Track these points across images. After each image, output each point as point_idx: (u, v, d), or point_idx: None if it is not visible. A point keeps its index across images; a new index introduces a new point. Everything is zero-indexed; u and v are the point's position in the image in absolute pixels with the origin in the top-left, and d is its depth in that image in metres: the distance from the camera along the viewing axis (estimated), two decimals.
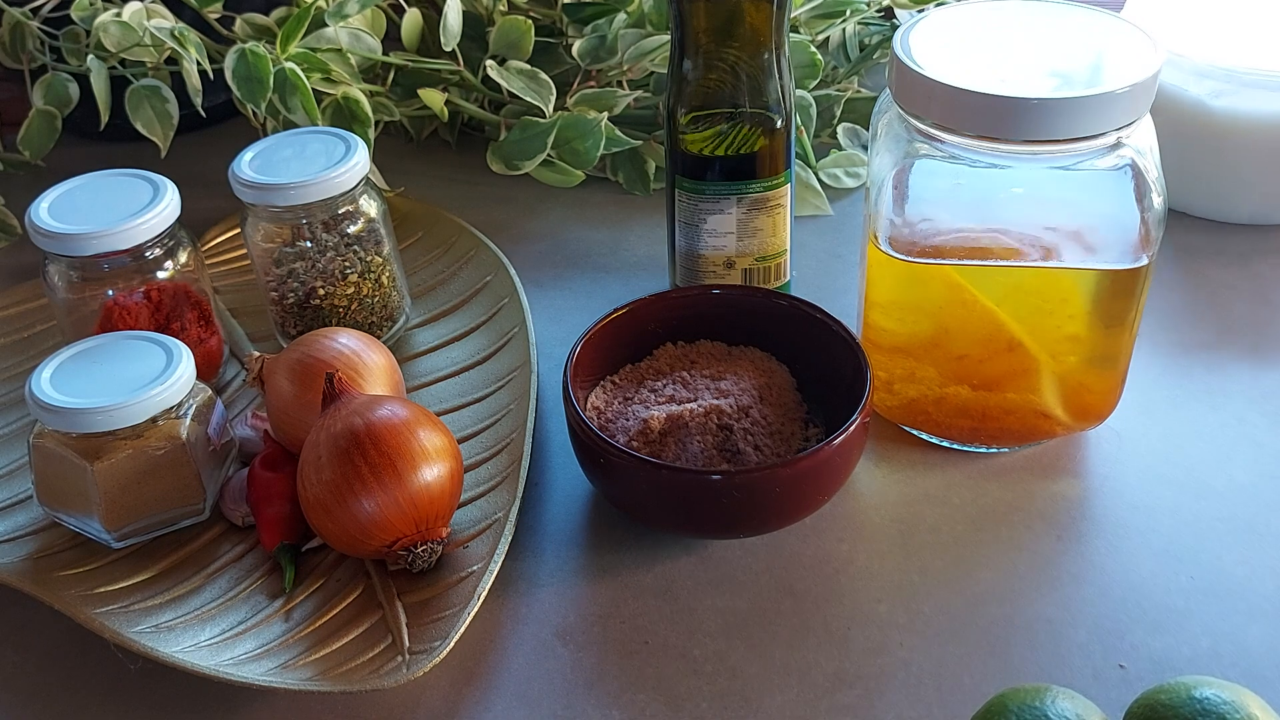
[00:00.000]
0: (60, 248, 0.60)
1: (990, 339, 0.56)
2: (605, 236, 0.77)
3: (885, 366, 0.59)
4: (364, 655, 0.50)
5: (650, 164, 0.79)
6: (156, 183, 0.63)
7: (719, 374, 0.58)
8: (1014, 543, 0.55)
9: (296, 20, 0.72)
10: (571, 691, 0.50)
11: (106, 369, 0.55)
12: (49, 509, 0.56)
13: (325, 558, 0.55)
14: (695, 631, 0.52)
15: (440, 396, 0.64)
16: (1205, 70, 0.69)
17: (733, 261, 0.64)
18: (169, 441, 0.55)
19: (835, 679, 0.50)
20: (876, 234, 0.56)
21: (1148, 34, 0.53)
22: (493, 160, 0.77)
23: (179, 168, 0.72)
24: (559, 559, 0.56)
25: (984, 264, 0.54)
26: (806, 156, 0.78)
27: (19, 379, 0.66)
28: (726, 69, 0.60)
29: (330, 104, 0.75)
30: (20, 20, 0.78)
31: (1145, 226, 0.52)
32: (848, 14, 0.82)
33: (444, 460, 0.52)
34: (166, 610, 0.53)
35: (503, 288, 0.68)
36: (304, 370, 0.57)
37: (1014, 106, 0.49)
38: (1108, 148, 0.51)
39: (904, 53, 0.53)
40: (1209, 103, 0.70)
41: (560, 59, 0.82)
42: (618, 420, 0.57)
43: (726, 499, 0.52)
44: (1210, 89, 0.70)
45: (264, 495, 0.56)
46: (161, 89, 0.76)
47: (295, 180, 0.61)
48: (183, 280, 0.63)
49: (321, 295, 0.64)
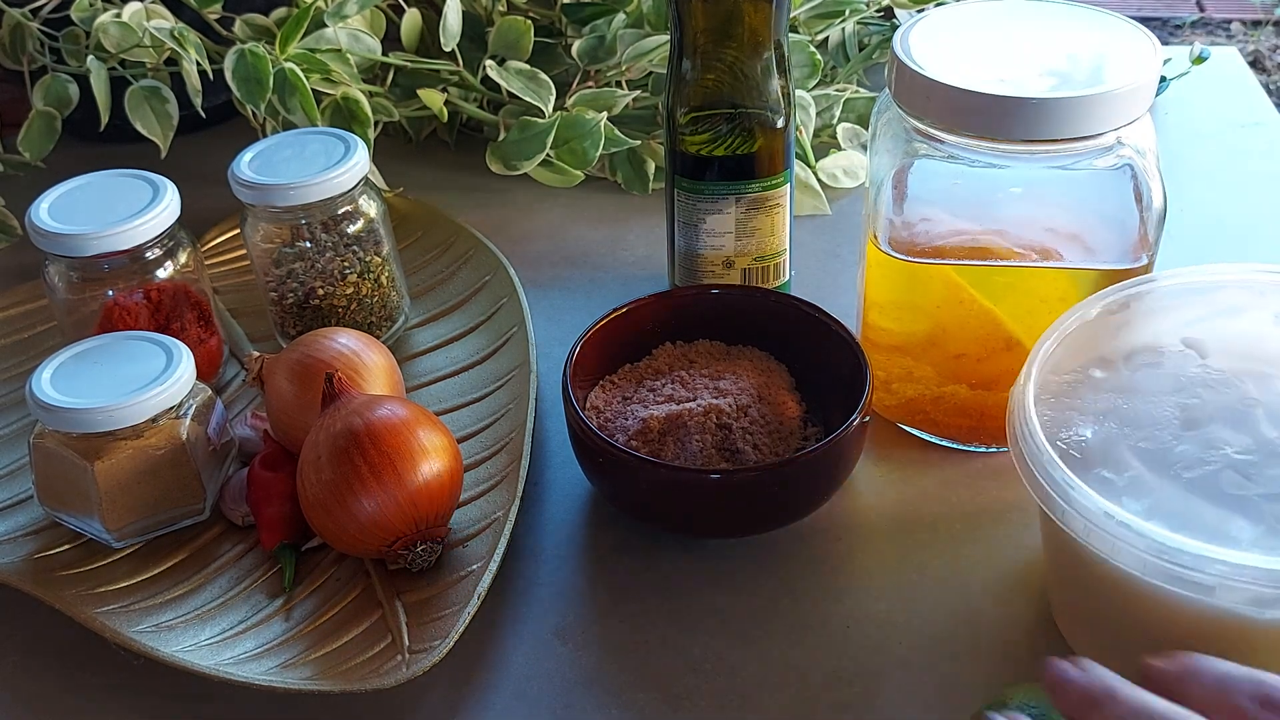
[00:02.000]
0: (60, 248, 0.60)
1: (988, 338, 0.56)
2: (604, 236, 0.77)
3: (884, 366, 0.59)
4: (364, 654, 0.50)
5: (649, 164, 0.79)
6: (156, 183, 0.63)
7: (718, 373, 0.58)
8: (1012, 541, 0.55)
9: (296, 21, 0.72)
10: (571, 690, 0.50)
11: (106, 369, 0.55)
12: (49, 509, 0.56)
13: (325, 557, 0.55)
14: (695, 631, 0.52)
15: (440, 396, 0.64)
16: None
17: (732, 261, 0.64)
18: (169, 441, 0.55)
19: (834, 678, 0.50)
20: (876, 234, 0.56)
21: (1147, 34, 0.53)
22: (492, 160, 0.77)
23: (179, 168, 0.72)
24: (559, 558, 0.56)
25: (983, 264, 0.54)
26: (806, 156, 0.78)
27: (19, 379, 0.66)
28: (725, 69, 0.60)
29: (330, 104, 0.75)
30: (20, 21, 0.78)
31: (1144, 226, 0.52)
32: (847, 14, 0.82)
33: (443, 460, 0.52)
34: (167, 610, 0.53)
35: (502, 288, 0.68)
36: (304, 370, 0.57)
37: (1013, 106, 0.49)
38: (1107, 148, 0.51)
39: (903, 53, 0.53)
40: None
41: (559, 59, 0.82)
42: (617, 420, 0.57)
43: (726, 498, 0.52)
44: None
45: (264, 495, 0.56)
46: (161, 89, 0.76)
47: (295, 180, 0.62)
48: (182, 280, 0.63)
49: (321, 295, 0.64)
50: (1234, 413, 0.46)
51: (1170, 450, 0.45)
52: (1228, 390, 0.47)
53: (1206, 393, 0.47)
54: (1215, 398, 0.47)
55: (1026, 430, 0.46)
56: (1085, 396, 0.48)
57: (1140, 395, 0.47)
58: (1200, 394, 0.47)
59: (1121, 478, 0.45)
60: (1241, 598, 0.40)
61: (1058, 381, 0.48)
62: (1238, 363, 0.48)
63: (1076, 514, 0.43)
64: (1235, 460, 0.44)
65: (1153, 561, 0.41)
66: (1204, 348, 0.49)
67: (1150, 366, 0.48)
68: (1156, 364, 0.48)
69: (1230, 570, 0.40)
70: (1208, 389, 0.47)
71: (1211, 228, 0.75)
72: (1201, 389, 0.47)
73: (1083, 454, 0.45)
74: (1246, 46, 2.36)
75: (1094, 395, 0.48)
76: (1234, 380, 0.47)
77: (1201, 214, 0.75)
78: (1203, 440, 0.45)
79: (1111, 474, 0.45)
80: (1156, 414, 0.46)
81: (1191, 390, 0.47)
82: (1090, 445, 0.46)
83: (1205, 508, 0.43)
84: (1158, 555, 0.41)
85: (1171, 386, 0.47)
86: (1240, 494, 0.43)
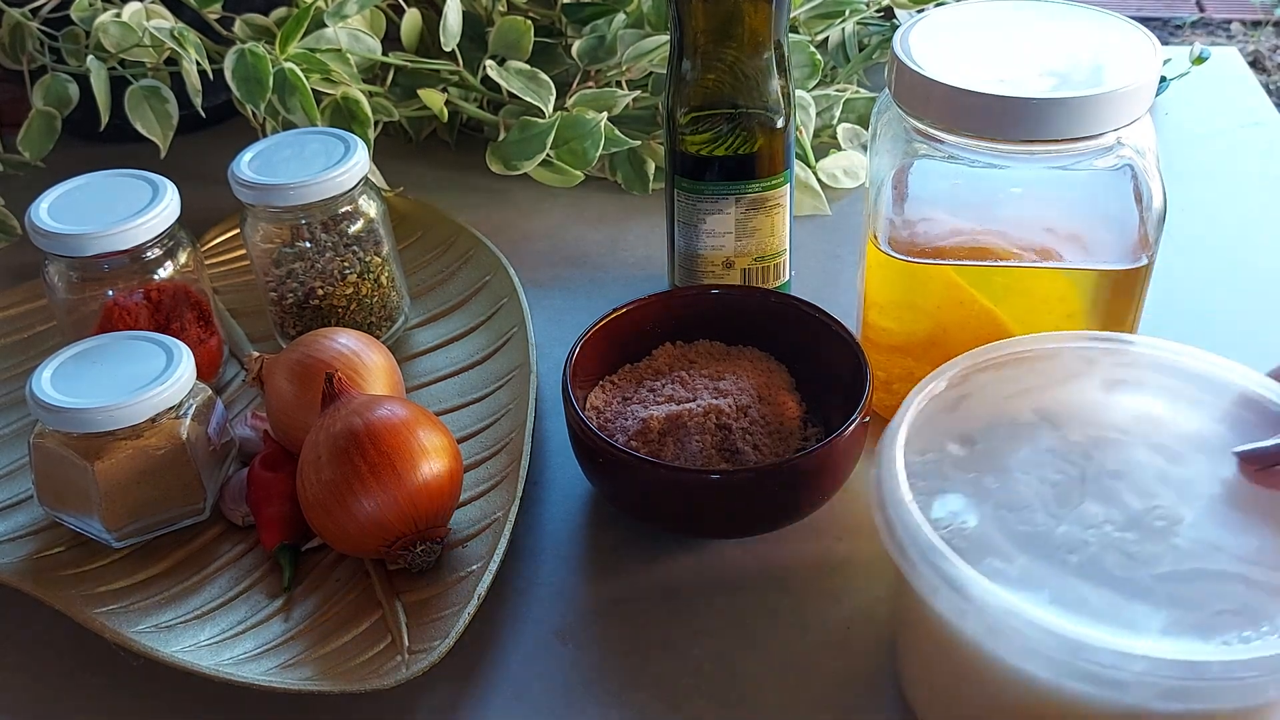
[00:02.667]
0: (60, 248, 0.60)
1: (988, 338, 0.56)
2: (604, 236, 0.77)
3: (884, 366, 0.59)
4: (364, 655, 0.50)
5: (649, 164, 0.79)
6: (156, 183, 0.63)
7: (718, 374, 0.58)
8: None
9: (296, 21, 0.72)
10: (571, 691, 0.50)
11: (106, 369, 0.55)
12: (49, 509, 0.56)
13: (325, 557, 0.55)
14: (695, 631, 0.52)
15: (439, 396, 0.64)
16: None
17: (732, 261, 0.64)
18: (169, 441, 0.55)
19: (834, 678, 0.50)
20: (876, 234, 0.56)
21: (1147, 34, 0.53)
22: (492, 160, 0.77)
23: (179, 168, 0.72)
24: (558, 558, 0.56)
25: (983, 264, 0.54)
26: (806, 156, 0.78)
27: (19, 379, 0.66)
28: (725, 69, 0.60)
29: (330, 104, 0.75)
30: (20, 21, 0.78)
31: (1144, 227, 0.52)
32: (847, 14, 0.82)
33: (443, 460, 0.52)
34: (166, 610, 0.53)
35: (502, 288, 0.68)
36: (304, 370, 0.57)
37: (1013, 106, 0.49)
38: (1107, 148, 0.51)
39: (904, 53, 0.53)
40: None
41: (560, 59, 0.82)
42: (617, 420, 0.57)
43: (726, 498, 0.52)
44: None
45: (264, 495, 0.56)
46: (161, 89, 0.76)
47: (295, 180, 0.62)
48: (182, 280, 0.63)
49: (321, 295, 0.64)
50: (1100, 486, 0.44)
51: (1052, 533, 0.42)
52: (1087, 462, 0.45)
53: (1070, 467, 0.45)
54: (1079, 471, 0.45)
55: (902, 519, 0.42)
56: (953, 477, 0.45)
57: (1008, 474, 0.45)
58: (1064, 468, 0.45)
59: (1012, 566, 0.41)
60: (1153, 692, 0.38)
61: (922, 463, 0.45)
62: (1090, 431, 0.46)
63: (977, 611, 0.40)
64: (1115, 539, 0.42)
65: (1066, 661, 0.38)
66: (1056, 417, 0.47)
67: (1009, 439, 0.46)
68: (1014, 436, 0.46)
69: (1150, 666, 0.37)
70: (1069, 462, 0.45)
71: (1211, 228, 0.75)
72: (1064, 463, 0.45)
73: (967, 542, 0.42)
74: (1246, 46, 2.36)
75: (962, 475, 0.45)
76: (1091, 450, 0.45)
77: (1201, 214, 0.75)
78: (1079, 519, 0.43)
79: (1002, 563, 0.41)
80: (1028, 493, 0.44)
81: (1055, 465, 0.45)
82: (973, 533, 0.43)
83: (1101, 595, 0.40)
84: (1073, 654, 0.38)
85: (1034, 461, 0.45)
86: (1128, 576, 0.41)
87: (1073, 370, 0.49)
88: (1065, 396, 0.48)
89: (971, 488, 0.45)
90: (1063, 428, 0.46)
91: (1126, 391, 0.48)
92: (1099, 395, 0.48)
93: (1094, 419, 0.47)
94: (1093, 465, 0.45)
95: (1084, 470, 0.45)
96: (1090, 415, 0.47)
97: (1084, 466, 0.45)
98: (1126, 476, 0.44)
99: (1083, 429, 0.46)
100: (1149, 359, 0.49)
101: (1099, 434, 0.46)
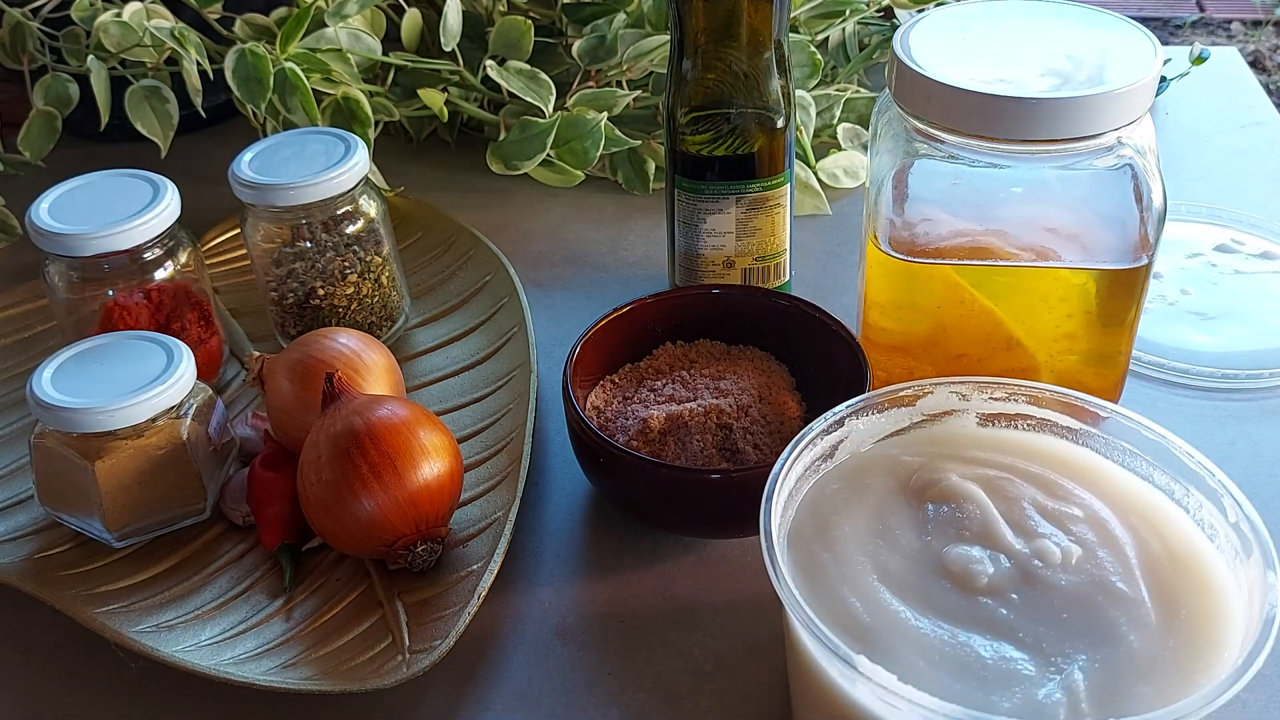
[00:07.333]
0: (60, 248, 0.60)
1: (988, 338, 0.56)
2: (605, 236, 0.77)
3: (884, 366, 0.59)
4: (364, 654, 0.50)
5: (650, 164, 0.79)
6: (156, 183, 0.63)
7: (718, 373, 0.58)
8: None
9: (296, 20, 0.72)
10: (571, 690, 0.50)
11: (107, 369, 0.55)
12: (50, 509, 0.56)
13: (325, 557, 0.55)
14: (695, 631, 0.52)
15: (440, 396, 0.64)
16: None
17: (732, 261, 0.64)
18: (169, 441, 0.55)
19: None
20: (876, 234, 0.56)
21: (1147, 34, 0.53)
22: (492, 160, 0.77)
23: (179, 168, 0.72)
24: (559, 558, 0.56)
25: (984, 264, 0.54)
26: (806, 156, 0.78)
27: (19, 379, 0.66)
28: (726, 69, 0.60)
29: (330, 104, 0.75)
30: (20, 21, 0.78)
31: (1144, 226, 0.52)
32: (847, 14, 0.82)
33: (444, 459, 0.52)
34: (167, 610, 0.53)
35: (502, 287, 0.68)
36: (304, 370, 0.57)
37: (1014, 106, 0.49)
38: (1107, 148, 0.51)
39: (904, 52, 0.53)
40: None
41: (560, 59, 0.82)
42: (617, 420, 0.57)
43: (726, 498, 0.52)
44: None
45: (264, 495, 0.56)
46: (161, 89, 0.76)
47: (295, 180, 0.62)
48: (183, 280, 0.63)
49: (321, 295, 0.64)
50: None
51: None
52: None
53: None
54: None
55: (798, 600, 0.41)
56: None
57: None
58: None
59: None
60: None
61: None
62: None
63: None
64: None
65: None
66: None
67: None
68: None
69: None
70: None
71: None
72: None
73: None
74: (1246, 46, 2.36)
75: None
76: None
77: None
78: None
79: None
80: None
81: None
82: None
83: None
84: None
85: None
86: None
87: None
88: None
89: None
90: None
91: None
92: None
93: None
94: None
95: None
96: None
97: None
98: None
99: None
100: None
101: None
